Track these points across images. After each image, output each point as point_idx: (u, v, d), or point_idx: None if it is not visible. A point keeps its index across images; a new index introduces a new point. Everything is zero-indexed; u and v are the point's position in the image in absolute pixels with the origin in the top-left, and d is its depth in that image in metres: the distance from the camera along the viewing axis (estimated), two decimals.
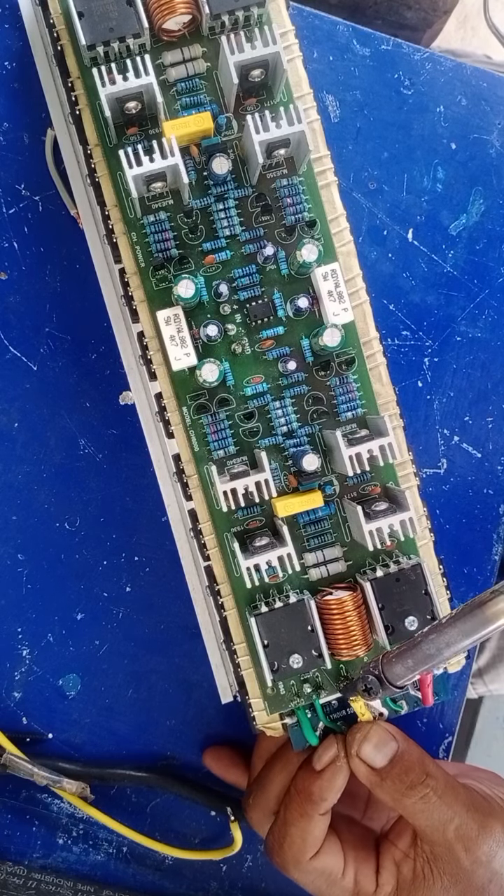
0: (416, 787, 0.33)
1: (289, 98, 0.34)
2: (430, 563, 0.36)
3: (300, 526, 0.36)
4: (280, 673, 0.34)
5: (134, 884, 0.41)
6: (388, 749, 0.34)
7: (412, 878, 0.34)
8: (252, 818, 0.38)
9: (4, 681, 0.40)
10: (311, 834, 0.35)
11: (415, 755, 0.34)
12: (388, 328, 0.41)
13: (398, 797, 0.34)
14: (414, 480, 0.36)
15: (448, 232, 0.42)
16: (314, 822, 0.35)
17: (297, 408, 0.35)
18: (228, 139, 0.34)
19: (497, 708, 0.82)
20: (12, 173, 0.39)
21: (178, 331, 0.33)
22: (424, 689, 0.36)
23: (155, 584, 0.41)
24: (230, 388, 0.35)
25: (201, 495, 0.35)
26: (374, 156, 0.41)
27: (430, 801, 0.33)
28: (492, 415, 0.42)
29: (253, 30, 0.33)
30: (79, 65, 0.34)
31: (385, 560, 0.35)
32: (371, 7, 0.47)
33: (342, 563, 0.36)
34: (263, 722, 0.35)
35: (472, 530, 0.43)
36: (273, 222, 0.35)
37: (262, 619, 0.34)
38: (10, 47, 0.38)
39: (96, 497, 0.40)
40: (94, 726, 0.41)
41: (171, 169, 0.32)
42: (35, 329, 0.40)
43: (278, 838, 0.35)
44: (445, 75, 0.41)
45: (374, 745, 0.34)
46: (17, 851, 0.41)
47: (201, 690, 0.41)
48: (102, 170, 0.34)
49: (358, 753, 0.34)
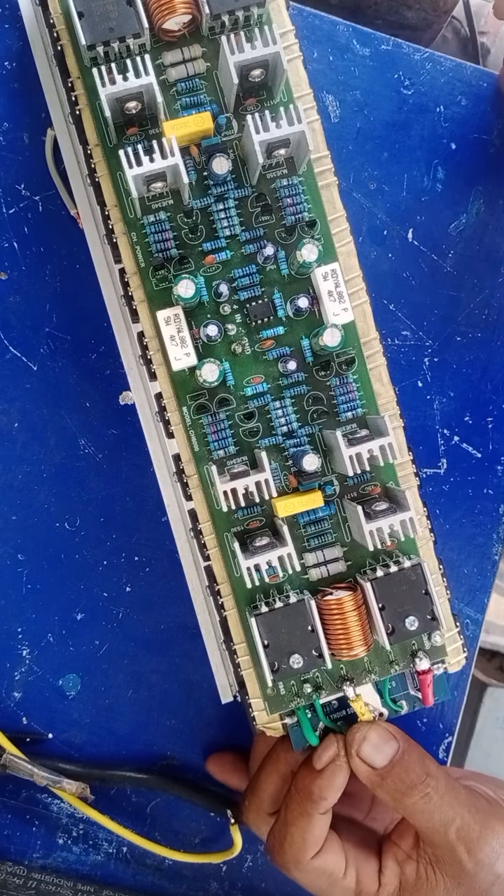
0: (417, 786, 0.33)
1: (289, 98, 0.34)
2: (431, 563, 0.36)
3: (300, 526, 0.36)
4: (280, 673, 0.34)
5: (134, 884, 0.41)
6: (389, 749, 0.34)
7: (415, 879, 0.34)
8: (249, 820, 0.38)
9: (4, 681, 0.40)
10: (312, 833, 0.34)
11: (415, 755, 0.34)
12: (388, 328, 0.41)
13: (399, 797, 0.34)
14: (414, 480, 0.36)
15: (448, 232, 0.42)
16: (315, 822, 0.34)
17: (298, 408, 0.35)
18: (228, 139, 0.34)
19: (497, 708, 0.82)
20: (12, 173, 0.39)
21: (178, 331, 0.33)
22: (424, 689, 0.36)
23: (155, 584, 0.41)
24: (230, 388, 0.35)
25: (201, 495, 0.35)
26: (374, 156, 0.41)
27: (430, 801, 0.33)
28: (492, 415, 0.42)
29: (253, 30, 0.33)
30: (79, 65, 0.34)
31: (385, 560, 0.35)
32: (371, 7, 0.47)
33: (342, 564, 0.36)
34: (263, 722, 0.35)
35: (472, 530, 0.43)
36: (273, 222, 0.35)
37: (263, 620, 0.34)
38: (10, 47, 0.38)
39: (96, 497, 0.40)
40: (94, 726, 0.41)
41: (171, 169, 0.32)
42: (35, 329, 0.40)
43: (279, 838, 0.35)
44: (445, 75, 0.41)
45: (374, 744, 0.34)
46: (17, 851, 0.41)
47: (201, 690, 0.41)
48: (102, 170, 0.34)
49: (358, 753, 0.34)
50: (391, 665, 0.36)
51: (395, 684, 0.36)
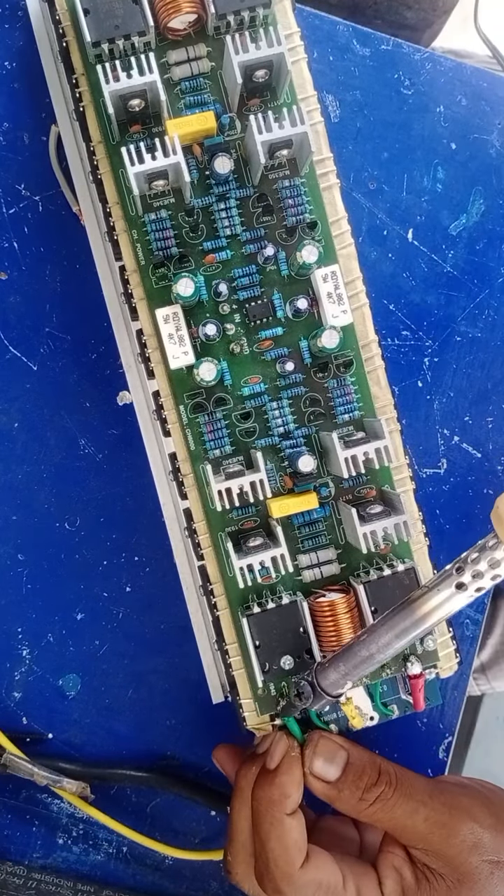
0: (372, 788, 0.33)
1: (292, 99, 0.34)
2: (424, 567, 0.36)
3: (295, 527, 0.36)
4: (271, 674, 0.34)
5: (134, 884, 0.41)
6: (339, 759, 0.33)
7: (415, 881, 0.33)
8: (237, 875, 0.35)
9: (4, 681, 0.40)
10: (290, 838, 0.33)
11: (365, 757, 0.34)
12: (388, 328, 0.41)
13: (358, 805, 0.33)
14: (409, 484, 0.36)
15: (448, 232, 0.42)
16: (287, 826, 0.33)
17: (294, 409, 0.35)
18: (231, 139, 0.34)
19: (497, 708, 0.82)
20: (12, 173, 0.39)
21: (177, 329, 0.33)
22: (416, 693, 0.36)
23: (155, 584, 0.41)
24: (227, 387, 0.35)
25: (196, 494, 0.35)
26: (374, 156, 0.41)
27: (388, 798, 0.33)
28: (492, 415, 0.42)
29: (258, 30, 0.33)
30: (83, 61, 0.34)
31: (379, 563, 0.35)
32: (371, 7, 0.47)
33: (336, 566, 0.36)
34: (254, 723, 0.35)
35: (472, 530, 0.42)
36: (274, 223, 0.35)
37: (255, 620, 0.34)
38: (11, 47, 0.38)
39: (96, 497, 0.40)
40: (94, 726, 0.41)
41: (173, 167, 0.32)
42: (35, 329, 0.39)
43: (263, 864, 0.33)
44: (445, 75, 0.41)
45: (324, 758, 0.33)
46: (17, 851, 0.41)
47: (201, 690, 0.41)
48: (105, 167, 0.34)
49: (310, 770, 0.33)
50: (382, 669, 0.36)
51: (387, 688, 0.36)
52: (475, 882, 0.32)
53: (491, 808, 0.34)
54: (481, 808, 0.33)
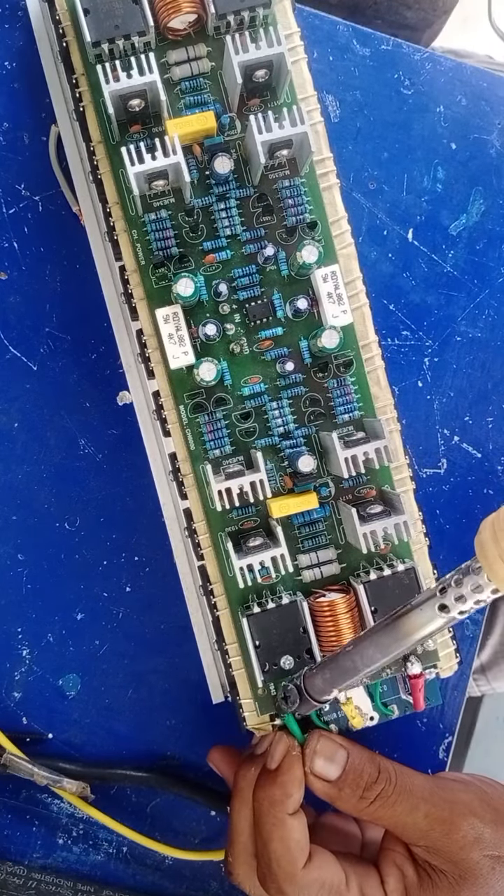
0: (372, 786, 0.33)
1: (292, 99, 0.34)
2: (424, 567, 0.36)
3: (295, 527, 0.36)
4: (271, 674, 0.34)
5: (134, 884, 0.41)
6: (340, 758, 0.33)
7: (417, 879, 0.33)
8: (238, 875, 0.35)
9: (4, 681, 0.40)
10: (292, 838, 0.33)
11: (365, 756, 0.34)
12: (388, 328, 0.41)
13: (359, 803, 0.33)
14: (410, 484, 0.36)
15: (448, 232, 0.42)
16: (289, 826, 0.33)
17: (294, 409, 0.35)
18: (231, 139, 0.34)
19: (497, 708, 0.82)
20: (12, 173, 0.39)
21: (177, 329, 0.33)
22: (416, 693, 0.36)
23: (155, 584, 0.40)
24: (227, 387, 0.35)
25: (196, 494, 0.35)
26: (374, 156, 0.41)
27: (388, 796, 0.33)
28: (492, 415, 0.42)
29: (258, 30, 0.33)
30: (83, 61, 0.34)
31: (379, 563, 0.35)
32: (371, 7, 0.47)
33: (336, 566, 0.36)
34: (254, 723, 0.35)
35: (472, 530, 0.42)
36: (274, 223, 0.35)
37: (255, 620, 0.34)
38: (11, 47, 0.38)
39: (96, 497, 0.40)
40: (94, 726, 0.41)
41: (173, 167, 0.32)
42: (35, 329, 0.40)
43: (265, 864, 0.33)
44: (445, 75, 0.41)
45: (324, 757, 0.34)
46: (17, 851, 0.41)
47: (201, 690, 0.41)
48: (105, 167, 0.34)
49: (311, 770, 0.33)
50: (382, 669, 0.36)
51: (387, 688, 0.36)
52: (477, 877, 0.32)
53: (491, 802, 0.34)
54: (481, 803, 0.33)
